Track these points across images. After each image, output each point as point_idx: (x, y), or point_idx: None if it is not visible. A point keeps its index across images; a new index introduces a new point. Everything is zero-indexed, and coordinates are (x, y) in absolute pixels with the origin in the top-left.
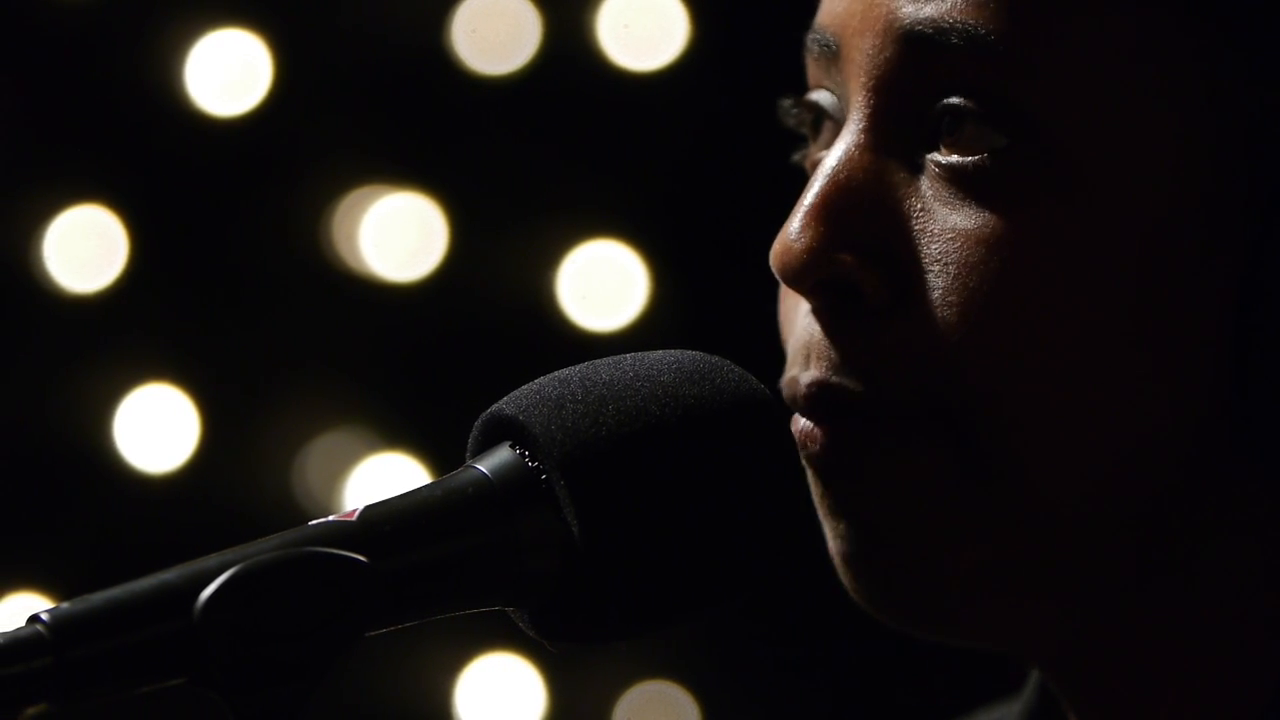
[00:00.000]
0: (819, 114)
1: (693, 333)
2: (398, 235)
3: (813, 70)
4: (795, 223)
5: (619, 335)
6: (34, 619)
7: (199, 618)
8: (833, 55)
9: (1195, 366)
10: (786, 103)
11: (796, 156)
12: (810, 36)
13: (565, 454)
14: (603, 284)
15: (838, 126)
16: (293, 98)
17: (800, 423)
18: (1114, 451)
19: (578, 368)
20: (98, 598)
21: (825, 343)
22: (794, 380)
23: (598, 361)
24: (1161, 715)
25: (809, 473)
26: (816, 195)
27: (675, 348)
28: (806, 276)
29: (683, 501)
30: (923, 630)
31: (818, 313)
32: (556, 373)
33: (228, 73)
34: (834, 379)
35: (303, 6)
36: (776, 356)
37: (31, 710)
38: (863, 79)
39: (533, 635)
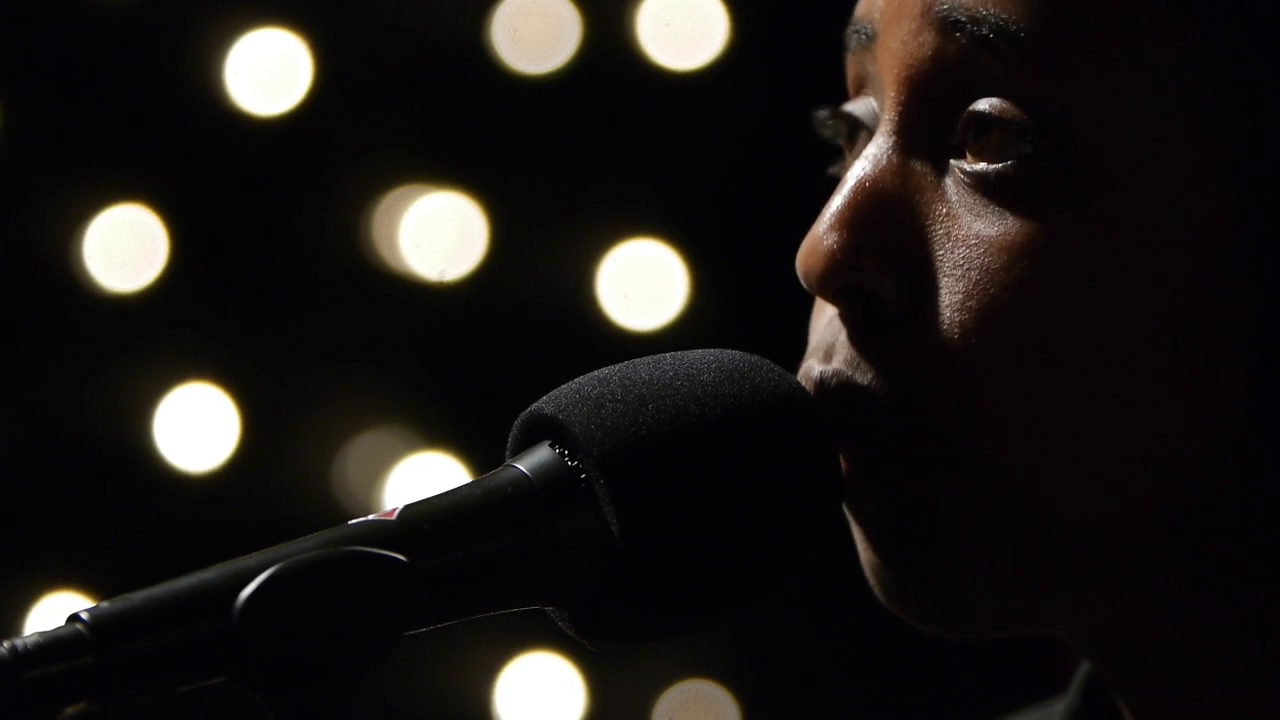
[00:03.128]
0: (854, 125)
1: (732, 332)
2: (438, 234)
3: (852, 66)
4: (821, 228)
5: (659, 334)
6: (74, 618)
7: (239, 617)
8: (869, 45)
9: (1223, 383)
10: (822, 114)
11: (833, 169)
12: (848, 30)
13: (605, 453)
14: (642, 283)
15: (871, 137)
16: (333, 97)
17: None
18: (1137, 466)
19: (617, 367)
20: (138, 597)
21: (846, 344)
22: (808, 369)
23: (637, 361)
24: (1210, 704)
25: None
26: (843, 201)
27: (715, 347)
28: (830, 282)
29: (722, 500)
30: (949, 634)
31: (841, 318)
32: (596, 372)
33: (268, 72)
34: (849, 373)
35: (343, 6)
36: None
37: (71, 709)
38: (896, 70)
39: (572, 634)
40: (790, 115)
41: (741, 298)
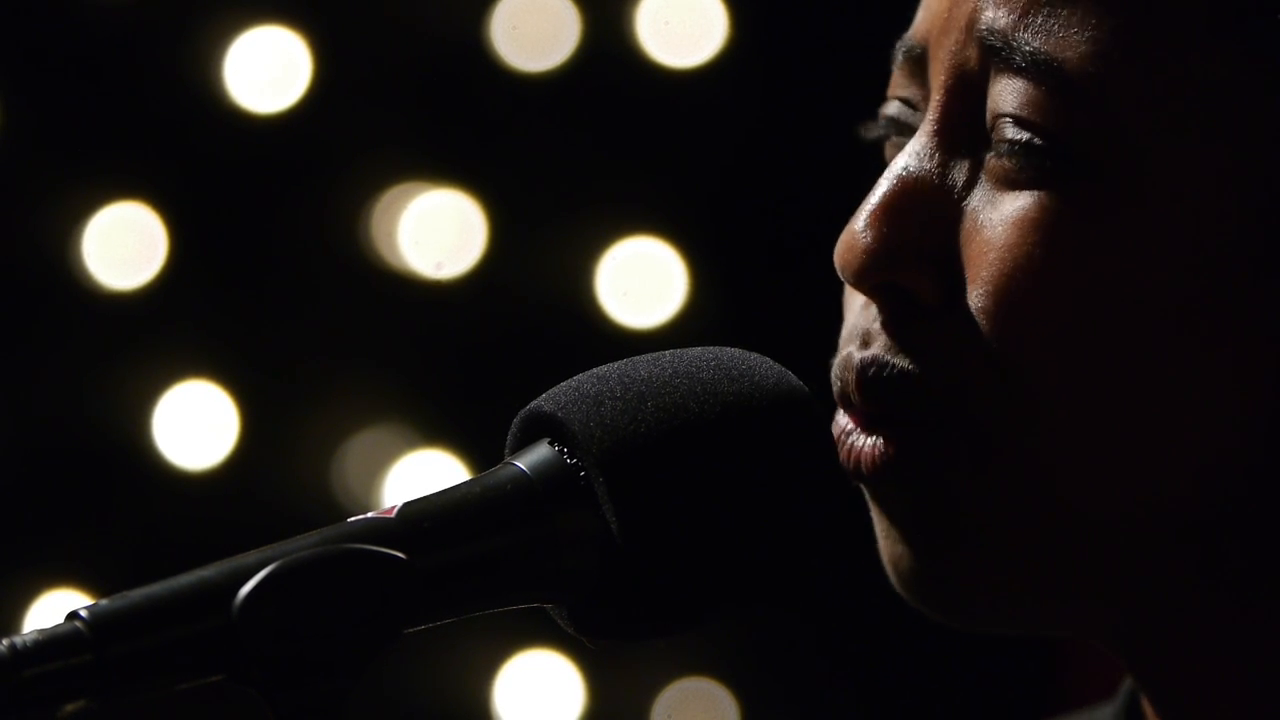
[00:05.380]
0: (898, 126)
1: (732, 329)
2: (437, 232)
3: (895, 80)
4: (859, 223)
5: (658, 332)
6: (73, 615)
7: (238, 615)
8: (918, 62)
9: (1249, 388)
10: (865, 125)
11: (870, 129)
12: (898, 46)
13: (604, 451)
14: (642, 281)
15: (912, 133)
16: (332, 95)
17: (843, 436)
18: (1162, 461)
19: (616, 365)
20: (137, 594)
21: (882, 333)
22: (848, 356)
23: (636, 358)
24: (1231, 706)
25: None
26: (882, 197)
27: (714, 344)
28: (867, 278)
29: (721, 498)
30: (964, 627)
31: (878, 308)
32: (595, 370)
33: (267, 70)
34: (888, 359)
35: (342, 3)
36: (814, 353)
37: (71, 707)
38: (942, 77)
39: (572, 632)
40: (789, 113)
41: (741, 295)
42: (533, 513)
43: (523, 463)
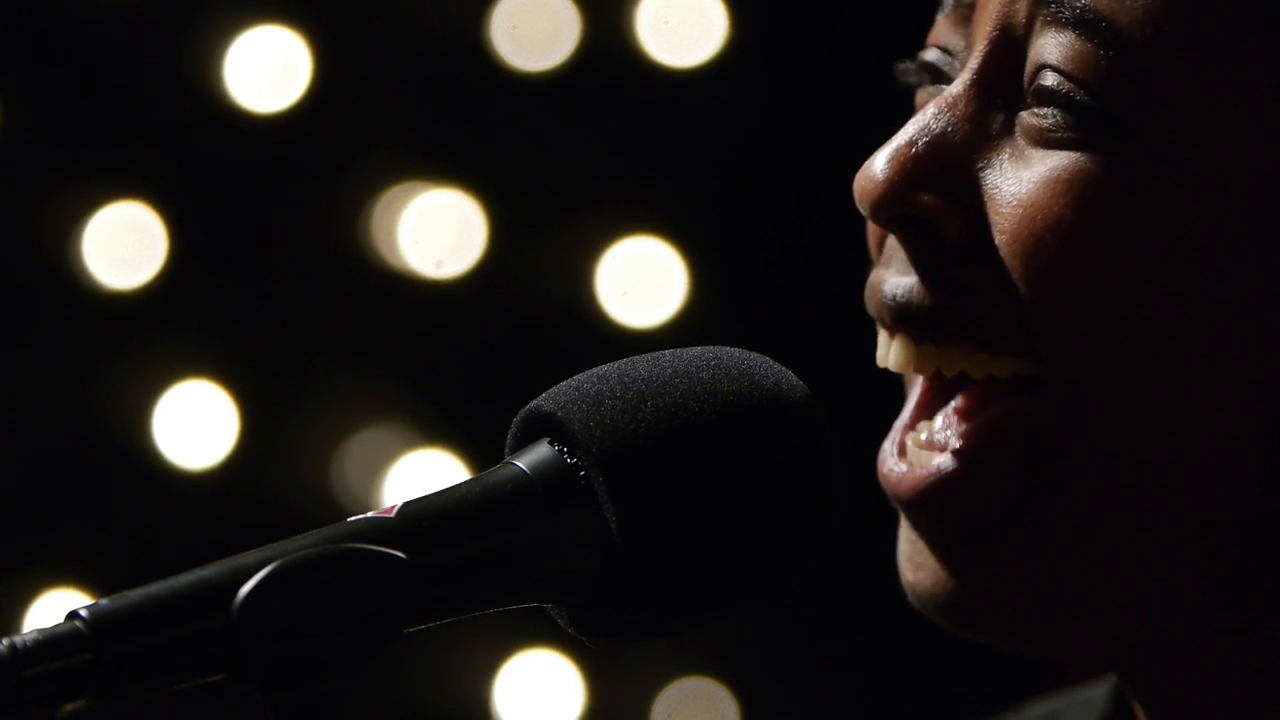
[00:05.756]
0: (935, 74)
1: (731, 329)
2: (437, 231)
3: (939, 27)
4: (880, 158)
5: (658, 332)
6: (73, 615)
7: (238, 614)
8: (966, 11)
9: (1258, 380)
10: (902, 66)
11: (906, 72)
12: None
13: (604, 450)
14: (642, 280)
15: (948, 83)
16: (332, 94)
17: (886, 458)
18: (1182, 438)
19: (616, 364)
20: (137, 594)
21: (911, 269)
22: (880, 282)
23: (636, 358)
24: (1222, 708)
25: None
26: (911, 134)
27: (714, 344)
28: (883, 210)
29: (720, 498)
30: (991, 638)
31: (902, 246)
32: (595, 369)
33: (267, 69)
34: (917, 299)
35: (342, 3)
36: (815, 353)
37: (71, 706)
38: (987, 28)
39: (572, 632)
40: (789, 113)
41: (741, 295)
42: (533, 512)
43: (523, 462)
